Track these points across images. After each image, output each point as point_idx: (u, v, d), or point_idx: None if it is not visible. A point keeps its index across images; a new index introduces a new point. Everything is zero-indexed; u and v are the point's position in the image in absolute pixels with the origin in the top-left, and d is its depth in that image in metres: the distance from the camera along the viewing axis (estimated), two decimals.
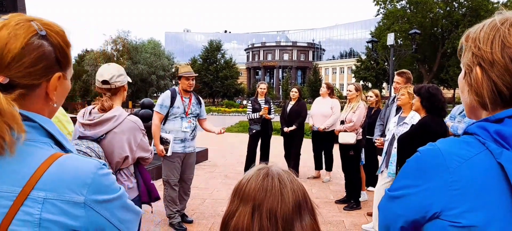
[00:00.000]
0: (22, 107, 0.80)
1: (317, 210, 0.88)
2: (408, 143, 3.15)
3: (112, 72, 2.45)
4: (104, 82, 2.43)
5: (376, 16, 37.50)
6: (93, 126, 2.34)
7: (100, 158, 2.23)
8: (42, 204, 0.75)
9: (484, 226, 0.65)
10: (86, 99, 37.31)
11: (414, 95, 3.29)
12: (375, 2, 34.82)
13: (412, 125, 3.46)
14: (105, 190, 0.81)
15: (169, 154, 4.04)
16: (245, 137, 12.54)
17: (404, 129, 3.65)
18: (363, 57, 46.88)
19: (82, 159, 0.83)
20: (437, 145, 0.73)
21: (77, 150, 2.17)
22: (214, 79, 52.67)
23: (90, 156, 2.17)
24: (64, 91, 0.90)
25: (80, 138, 2.33)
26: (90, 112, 2.42)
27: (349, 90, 5.40)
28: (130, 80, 2.70)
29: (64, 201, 0.76)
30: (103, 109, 2.40)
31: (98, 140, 2.32)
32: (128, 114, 2.46)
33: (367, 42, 21.32)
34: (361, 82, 47.02)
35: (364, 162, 5.54)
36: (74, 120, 3.45)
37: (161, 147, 4.03)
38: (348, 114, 5.31)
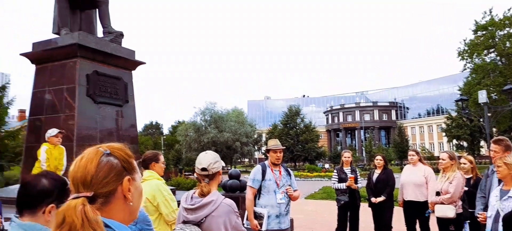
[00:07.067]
0: (104, 213, 1.03)
1: None
2: None
3: (209, 160, 2.71)
4: (203, 169, 2.69)
5: (463, 71, 35.11)
6: (194, 210, 2.57)
7: None
8: None
9: None
10: (178, 167, 39.81)
11: None
12: (460, 57, 32.76)
13: None
14: None
15: (263, 228, 4.03)
16: (329, 205, 12.21)
17: (509, 203, 3.31)
18: (454, 114, 43.42)
19: None
20: None
21: None
22: (295, 143, 52.90)
23: None
24: (137, 191, 1.12)
25: (184, 222, 2.56)
26: (191, 197, 2.67)
27: (443, 159, 5.09)
28: (224, 165, 2.94)
29: None
30: (203, 194, 2.64)
31: (199, 224, 2.53)
32: (224, 198, 2.66)
33: (456, 101, 19.91)
34: (454, 141, 43.28)
35: None
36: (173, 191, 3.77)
37: (256, 222, 4.05)
38: (443, 185, 4.97)
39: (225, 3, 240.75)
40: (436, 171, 6.71)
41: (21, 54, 7.28)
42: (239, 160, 51.15)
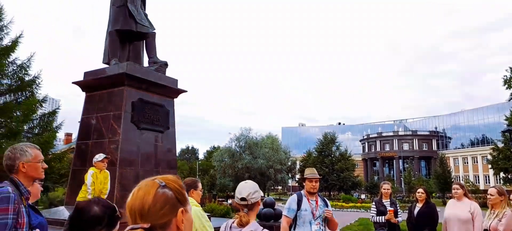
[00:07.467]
0: None
1: None
2: None
3: (248, 190, 2.74)
4: (242, 199, 2.72)
5: (509, 100, 33.28)
6: None
7: None
8: None
9: None
10: (212, 193, 40.02)
11: None
12: (507, 85, 31.12)
13: None
14: None
15: None
16: None
17: None
18: (500, 145, 40.92)
19: None
20: None
21: None
22: (330, 172, 51.77)
23: None
24: (188, 223, 1.15)
25: None
26: (230, 227, 2.70)
27: (491, 195, 4.83)
28: (263, 195, 2.97)
29: None
30: (241, 224, 2.66)
31: None
32: (262, 229, 2.66)
33: (503, 132, 18.84)
34: (502, 174, 40.67)
35: None
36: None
37: None
38: (492, 222, 4.69)
39: (259, 29, 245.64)
40: (482, 206, 6.35)
41: (73, 83, 7.77)
42: (272, 187, 50.64)
